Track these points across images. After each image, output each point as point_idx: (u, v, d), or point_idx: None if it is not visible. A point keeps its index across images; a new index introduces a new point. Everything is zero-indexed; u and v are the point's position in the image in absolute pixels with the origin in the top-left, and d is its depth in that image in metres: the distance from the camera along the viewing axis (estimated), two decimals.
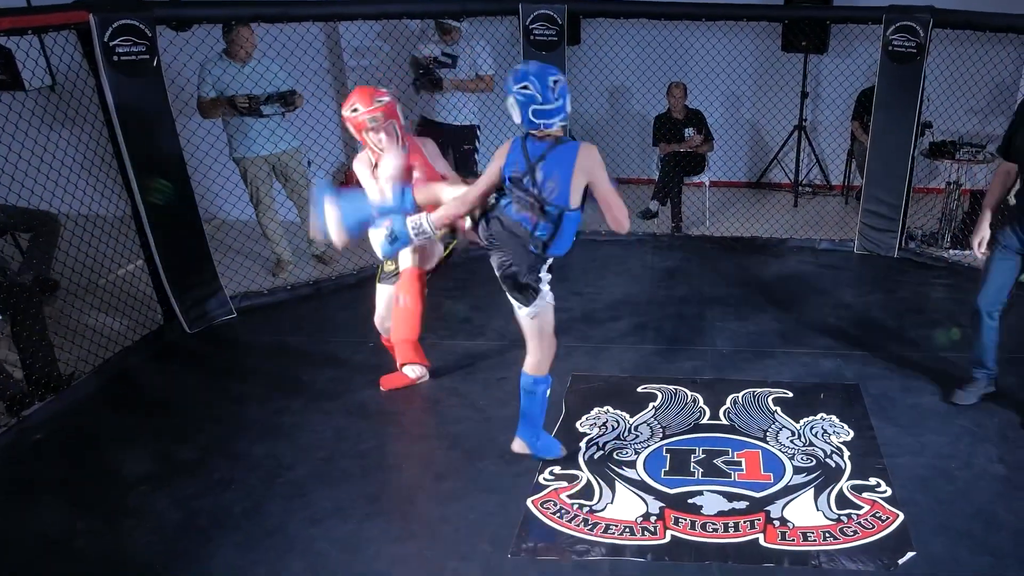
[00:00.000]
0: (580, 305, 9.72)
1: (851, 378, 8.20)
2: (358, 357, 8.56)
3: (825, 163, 14.33)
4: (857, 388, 8.02)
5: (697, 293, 9.80)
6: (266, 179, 10.38)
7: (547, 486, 6.59)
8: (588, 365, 8.42)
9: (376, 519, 6.21)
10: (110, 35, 7.86)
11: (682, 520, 6.21)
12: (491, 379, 8.18)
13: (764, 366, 8.10)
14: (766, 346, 8.67)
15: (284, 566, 5.76)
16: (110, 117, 8.11)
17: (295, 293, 10.07)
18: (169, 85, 9.02)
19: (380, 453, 7.03)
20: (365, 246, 7.40)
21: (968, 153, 11.58)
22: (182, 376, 8.36)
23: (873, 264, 11.26)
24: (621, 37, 11.90)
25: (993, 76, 11.14)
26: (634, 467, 6.86)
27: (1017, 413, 7.51)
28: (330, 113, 11.60)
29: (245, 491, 6.52)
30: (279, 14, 9.31)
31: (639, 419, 7.55)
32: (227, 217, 10.29)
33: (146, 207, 8.46)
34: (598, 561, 5.82)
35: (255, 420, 7.50)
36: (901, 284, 10.39)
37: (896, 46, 10.46)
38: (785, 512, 6.31)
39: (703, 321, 8.20)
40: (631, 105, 14.34)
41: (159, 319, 9.01)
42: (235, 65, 9.84)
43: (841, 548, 5.94)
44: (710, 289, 10.04)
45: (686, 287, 8.66)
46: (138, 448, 7.06)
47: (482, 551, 5.90)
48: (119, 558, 5.83)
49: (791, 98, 13.52)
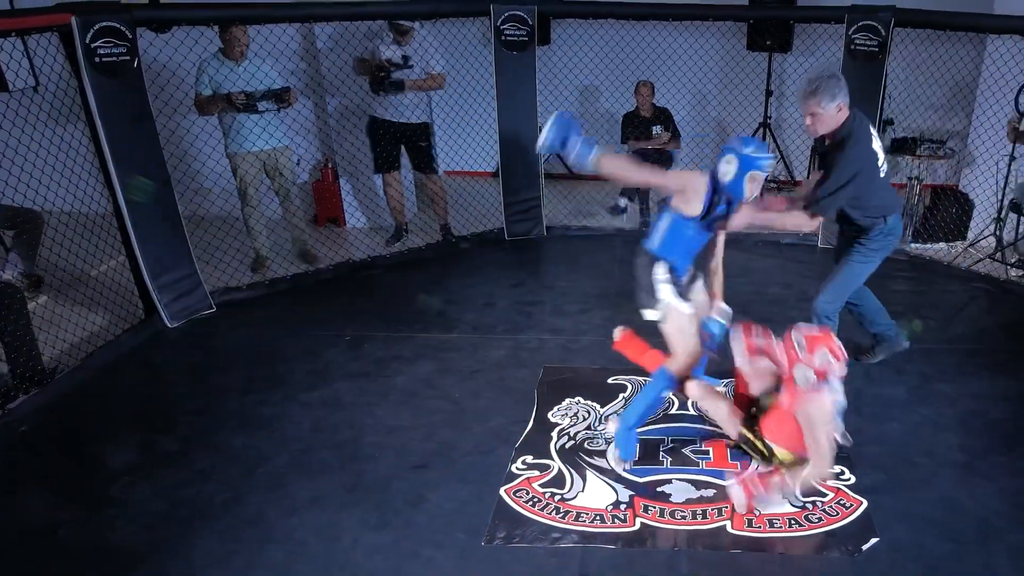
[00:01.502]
0: (551, 298, 9.71)
1: None
2: (335, 350, 8.54)
3: (790, 159, 14.30)
4: None
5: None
6: (256, 175, 10.35)
7: (520, 475, 6.58)
8: (559, 357, 8.40)
9: (353, 508, 6.20)
10: (91, 37, 7.83)
11: (651, 508, 6.20)
12: (465, 371, 8.15)
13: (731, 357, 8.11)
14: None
15: (264, 554, 5.75)
16: (92, 117, 8.08)
17: (273, 288, 10.02)
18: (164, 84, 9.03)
19: (357, 444, 7.00)
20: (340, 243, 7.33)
21: (929, 149, 11.57)
22: (163, 369, 8.33)
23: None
24: (590, 37, 11.91)
25: (953, 74, 11.16)
26: (604, 457, 6.85)
27: (976, 403, 7.53)
28: (306, 112, 11.59)
29: (225, 481, 6.51)
30: (256, 15, 9.29)
31: (610, 409, 7.53)
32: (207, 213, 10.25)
33: (127, 204, 8.42)
34: (570, 548, 5.81)
35: (235, 412, 7.48)
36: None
37: (858, 45, 10.47)
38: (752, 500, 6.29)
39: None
40: (600, 103, 14.36)
41: (140, 314, 8.98)
42: (229, 63, 9.82)
43: (806, 535, 5.94)
44: None
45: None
46: (121, 440, 7.04)
47: (457, 539, 5.90)
48: (103, 547, 5.81)
49: (756, 96, 13.54)
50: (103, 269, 9.06)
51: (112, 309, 8.95)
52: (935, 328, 8.99)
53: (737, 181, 6.19)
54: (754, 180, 6.22)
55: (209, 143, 10.03)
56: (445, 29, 11.32)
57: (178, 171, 9.13)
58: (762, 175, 6.27)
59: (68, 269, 8.69)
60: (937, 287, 10.21)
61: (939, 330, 8.97)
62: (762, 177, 6.29)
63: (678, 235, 6.50)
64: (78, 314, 8.70)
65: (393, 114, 10.89)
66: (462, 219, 11.84)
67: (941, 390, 7.78)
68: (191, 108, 9.91)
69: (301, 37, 11.20)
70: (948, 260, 11.03)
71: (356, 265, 10.70)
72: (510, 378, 8.04)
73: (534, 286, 10.06)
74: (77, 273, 8.82)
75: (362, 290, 10.12)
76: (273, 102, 9.95)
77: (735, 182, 6.19)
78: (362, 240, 11.31)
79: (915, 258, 11.10)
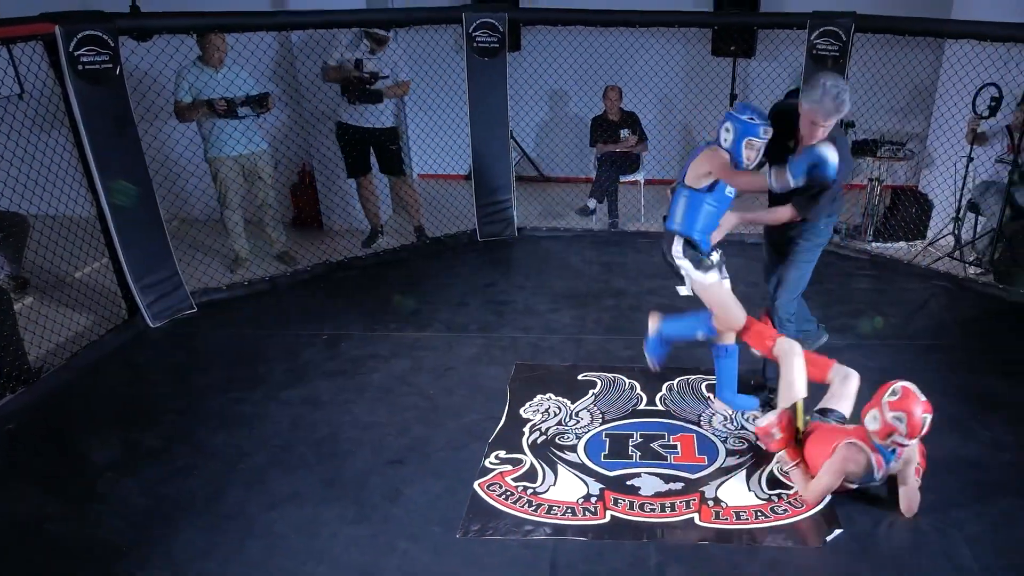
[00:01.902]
0: (522, 298, 9.75)
1: None
2: (313, 349, 8.59)
3: None
4: None
5: (633, 286, 9.84)
6: (236, 179, 10.38)
7: (493, 470, 6.64)
8: (531, 354, 8.46)
9: (331, 503, 6.25)
10: (75, 45, 7.87)
11: (621, 501, 6.27)
12: (439, 369, 8.21)
13: (698, 354, 8.12)
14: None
15: (244, 548, 5.79)
16: (76, 123, 8.11)
17: (252, 289, 10.03)
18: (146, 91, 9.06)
19: (334, 440, 7.05)
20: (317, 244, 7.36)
21: (889, 151, 11.67)
22: (146, 368, 8.35)
23: None
24: (559, 43, 11.92)
25: (912, 78, 11.23)
26: (575, 451, 6.91)
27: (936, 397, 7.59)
28: (283, 118, 11.61)
29: (207, 477, 6.55)
30: (234, 23, 9.33)
31: (580, 405, 7.60)
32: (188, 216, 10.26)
33: (110, 208, 8.45)
34: (542, 540, 5.87)
35: (215, 410, 7.52)
36: (826, 275, 10.43)
37: (820, 50, 10.52)
38: (719, 492, 6.38)
39: (639, 312, 8.24)
40: (569, 108, 14.41)
41: (123, 314, 9.00)
42: (208, 71, 9.87)
43: (772, 526, 6.01)
44: (646, 282, 10.06)
45: (623, 280, 8.71)
46: (105, 437, 7.07)
47: (432, 532, 5.95)
48: (88, 541, 5.85)
49: (721, 100, 13.50)
50: (87, 271, 9.07)
51: (96, 310, 8.97)
52: (896, 324, 9.08)
53: (736, 147, 6.47)
54: (751, 146, 6.47)
55: (190, 148, 10.05)
56: (419, 36, 11.36)
57: (159, 175, 9.14)
58: (759, 141, 6.48)
59: (53, 271, 8.69)
60: (897, 285, 10.29)
61: (900, 326, 9.04)
62: (759, 144, 6.50)
63: (695, 210, 6.80)
64: (63, 315, 8.72)
65: (359, 120, 10.93)
66: (436, 221, 11.86)
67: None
68: (172, 114, 9.93)
69: (278, 44, 11.23)
70: (908, 259, 11.12)
71: (333, 266, 10.71)
72: (483, 375, 8.09)
73: (506, 286, 10.09)
74: (62, 275, 8.83)
75: (339, 290, 10.13)
76: (253, 108, 10.01)
77: (734, 148, 6.47)
78: (339, 242, 11.30)
79: (876, 257, 11.19)
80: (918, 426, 5.87)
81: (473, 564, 5.67)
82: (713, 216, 6.84)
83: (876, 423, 6.01)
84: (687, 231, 6.86)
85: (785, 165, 6.44)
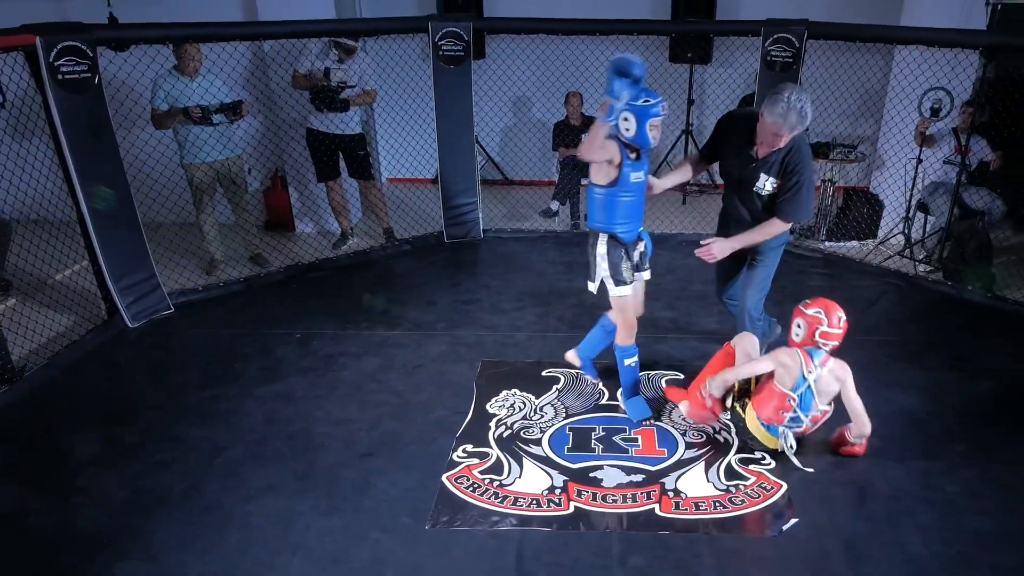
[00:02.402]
0: (488, 297, 9.82)
1: None
2: (286, 348, 8.64)
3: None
4: None
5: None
6: (210, 184, 10.43)
7: (460, 463, 6.71)
8: (496, 352, 8.52)
9: (305, 495, 6.31)
10: (55, 56, 7.91)
11: (584, 492, 6.35)
12: (408, 366, 8.27)
13: (657, 350, 8.22)
14: (658, 332, 8.77)
15: (221, 539, 5.85)
16: (56, 130, 8.14)
17: (227, 290, 10.07)
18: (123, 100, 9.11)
19: (308, 435, 7.10)
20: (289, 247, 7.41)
21: (841, 153, 11.81)
22: (125, 367, 8.39)
23: None
24: (523, 51, 11.96)
25: (863, 83, 11.36)
26: (540, 444, 6.99)
27: (888, 391, 7.69)
28: (256, 124, 11.65)
29: (184, 471, 6.60)
30: (209, 34, 9.37)
31: (544, 400, 7.67)
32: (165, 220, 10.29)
33: (90, 212, 8.49)
34: (508, 531, 5.94)
35: (192, 406, 7.57)
36: (781, 274, 10.41)
37: (774, 56, 10.61)
38: (679, 484, 6.45)
39: (601, 310, 8.25)
40: (532, 113, 14.48)
41: (103, 315, 9.02)
42: (184, 79, 9.91)
43: (730, 516, 6.09)
44: None
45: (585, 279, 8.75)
46: (85, 433, 7.12)
47: (402, 523, 6.02)
48: (70, 533, 5.91)
49: (678, 105, 13.65)
50: (67, 273, 9.08)
51: (76, 311, 9.01)
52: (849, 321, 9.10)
53: (641, 132, 6.48)
54: (654, 127, 6.52)
55: (166, 154, 10.08)
56: (386, 45, 11.42)
57: (137, 180, 9.18)
58: (659, 120, 6.53)
59: (35, 274, 8.76)
60: (850, 282, 10.39)
61: (852, 322, 8.98)
62: (659, 122, 6.55)
63: (613, 204, 6.77)
64: (45, 316, 8.79)
65: (329, 126, 10.99)
66: (404, 223, 11.90)
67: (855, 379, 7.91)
68: (148, 121, 9.95)
69: (251, 54, 11.26)
70: (860, 257, 11.24)
71: (305, 267, 10.76)
72: (450, 372, 8.16)
73: (472, 285, 10.14)
74: (43, 277, 8.86)
75: (311, 291, 10.17)
76: (227, 115, 10.06)
77: (639, 134, 6.48)
78: (310, 244, 11.38)
79: (829, 255, 11.29)
80: (832, 308, 6.52)
81: (442, 554, 5.74)
82: (629, 206, 6.83)
83: (800, 327, 6.50)
84: (609, 227, 6.89)
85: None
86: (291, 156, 11.69)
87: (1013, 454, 6.83)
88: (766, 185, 7.02)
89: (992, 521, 6.02)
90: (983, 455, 6.80)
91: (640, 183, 6.83)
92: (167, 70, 9.88)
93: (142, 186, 9.40)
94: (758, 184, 7.08)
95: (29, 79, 8.03)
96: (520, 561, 5.66)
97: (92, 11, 10.07)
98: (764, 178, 7.03)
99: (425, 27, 10.73)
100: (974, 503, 6.21)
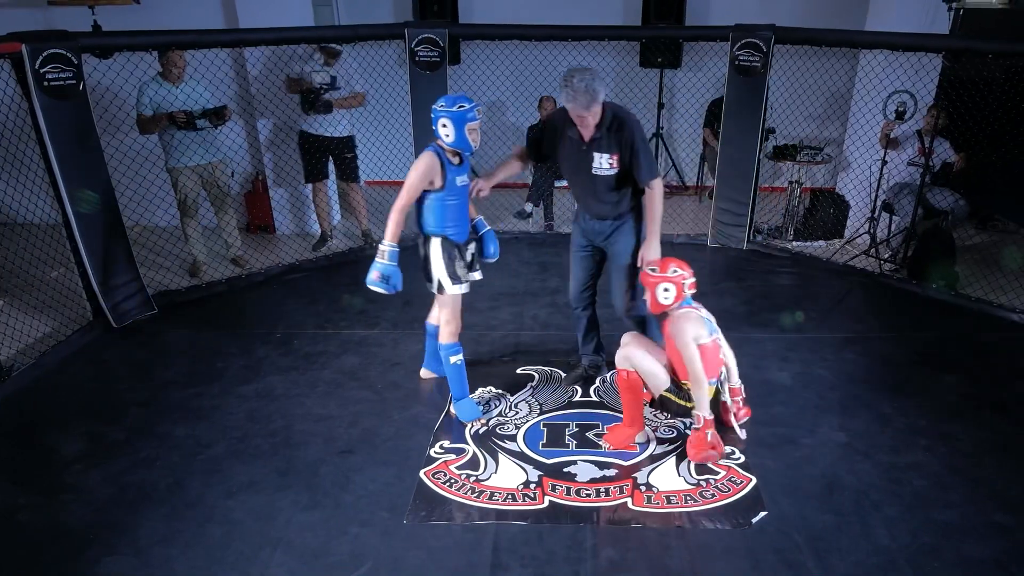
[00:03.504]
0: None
1: None
2: (267, 347, 8.66)
3: (680, 166, 14.51)
4: None
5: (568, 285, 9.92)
6: (194, 187, 10.43)
7: (438, 459, 6.75)
8: (472, 350, 8.44)
9: (286, 491, 6.34)
10: (40, 63, 7.95)
11: (559, 487, 6.39)
12: (386, 364, 8.31)
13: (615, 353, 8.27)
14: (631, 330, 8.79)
15: (204, 533, 5.87)
16: (42, 136, 8.16)
17: (210, 291, 10.10)
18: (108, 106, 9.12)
19: (288, 432, 7.12)
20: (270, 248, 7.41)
21: (808, 155, 11.86)
22: (110, 366, 8.38)
23: (725, 256, 11.50)
24: (497, 56, 11.95)
25: (829, 86, 11.36)
26: (515, 440, 7.03)
27: (855, 387, 7.75)
28: (238, 129, 11.66)
29: (168, 468, 6.62)
30: (192, 41, 9.37)
31: (519, 397, 7.72)
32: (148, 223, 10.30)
33: (75, 215, 8.51)
34: (484, 525, 5.98)
35: (176, 404, 7.58)
36: (750, 273, 10.58)
37: (742, 61, 10.70)
38: (650, 478, 6.50)
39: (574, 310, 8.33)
40: (507, 117, 14.50)
41: (88, 316, 9.02)
42: (168, 86, 9.91)
43: (701, 509, 6.13)
44: None
45: (558, 279, 8.77)
46: (72, 431, 7.14)
47: (381, 518, 6.05)
48: (57, 529, 5.92)
49: (649, 109, 13.69)
50: (54, 275, 9.08)
51: (63, 312, 9.00)
52: (816, 319, 9.24)
53: (460, 137, 6.68)
54: (472, 131, 6.71)
55: (150, 159, 10.08)
56: (364, 52, 11.43)
57: (121, 184, 9.18)
58: (477, 123, 6.71)
59: (22, 276, 8.73)
60: (817, 281, 10.48)
61: (820, 320, 9.19)
62: (477, 125, 6.74)
63: (439, 210, 7.01)
64: (32, 317, 8.83)
65: (319, 129, 11.05)
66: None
67: (822, 375, 8.02)
68: (133, 127, 9.93)
69: (232, 60, 11.26)
70: (827, 256, 11.31)
71: (285, 268, 10.80)
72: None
73: None
74: (30, 279, 8.85)
75: (291, 291, 10.21)
76: (211, 120, 10.08)
77: (459, 138, 6.68)
78: (290, 245, 11.41)
79: (796, 255, 11.37)
80: (682, 263, 6.70)
81: (420, 547, 5.76)
82: (456, 209, 7.03)
83: (668, 290, 6.68)
84: (440, 230, 7.08)
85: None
86: (272, 159, 11.68)
87: (977, 447, 6.90)
88: (603, 163, 7.06)
89: (958, 513, 6.08)
90: (948, 449, 6.86)
91: (464, 186, 7.03)
92: (152, 76, 9.88)
93: (126, 190, 9.41)
94: (595, 165, 7.11)
95: (16, 86, 8.04)
96: (496, 554, 5.69)
97: (77, 19, 10.09)
98: (599, 157, 7.07)
99: (402, 33, 10.77)
100: (941, 496, 6.27)
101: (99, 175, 8.71)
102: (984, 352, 8.66)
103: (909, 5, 10.91)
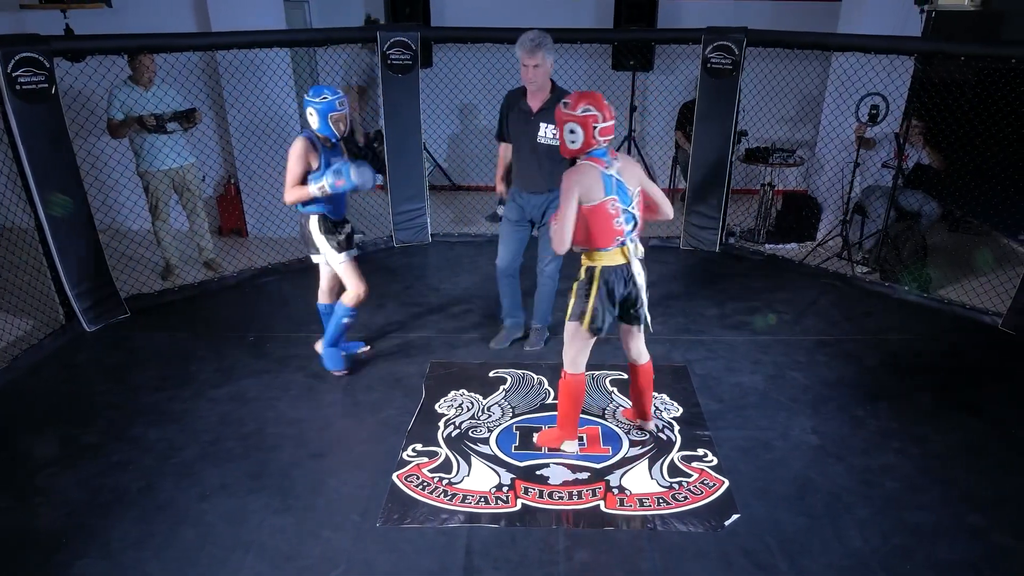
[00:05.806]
0: (437, 300, 9.89)
1: (679, 360, 8.45)
2: (239, 351, 8.69)
3: (653, 169, 14.47)
4: (685, 369, 8.28)
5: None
6: (166, 191, 10.43)
7: (410, 462, 6.79)
8: (444, 353, 8.61)
9: (258, 494, 6.37)
10: (12, 67, 7.96)
11: (531, 490, 6.45)
12: (358, 367, 8.34)
13: (602, 351, 8.16)
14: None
15: (176, 536, 5.91)
16: (14, 139, 8.19)
17: (182, 294, 10.12)
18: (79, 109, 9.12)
19: (261, 435, 7.16)
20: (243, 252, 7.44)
21: (780, 157, 11.93)
22: (83, 370, 8.40)
23: (697, 258, 11.53)
24: (469, 60, 11.96)
25: (801, 88, 11.40)
26: (487, 443, 7.08)
27: (827, 389, 7.81)
28: (210, 132, 11.66)
29: (140, 471, 6.65)
30: (162, 44, 9.38)
31: (491, 400, 7.77)
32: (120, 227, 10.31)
33: (47, 219, 8.52)
34: (457, 528, 6.03)
35: (149, 408, 7.60)
36: (722, 275, 10.63)
37: (714, 63, 10.76)
38: (623, 481, 6.56)
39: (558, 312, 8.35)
40: (479, 120, 14.49)
41: (61, 319, 9.04)
42: (138, 89, 9.91)
43: (673, 512, 6.18)
44: None
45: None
46: (45, 434, 7.16)
47: (353, 521, 6.09)
48: (29, 531, 5.95)
49: (621, 112, 13.51)
50: (26, 279, 9.09)
51: (35, 315, 9.02)
52: (789, 321, 9.31)
53: (325, 126, 7.27)
54: (336, 121, 7.31)
55: (122, 162, 10.09)
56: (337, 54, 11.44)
57: (93, 188, 9.19)
58: (340, 113, 7.29)
59: None
60: (790, 283, 10.54)
61: (792, 323, 9.26)
62: (341, 115, 7.31)
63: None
64: (4, 320, 8.86)
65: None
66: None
67: (795, 378, 8.08)
68: (104, 130, 9.95)
69: (204, 64, 11.27)
70: (799, 259, 11.36)
71: (257, 272, 10.82)
72: (400, 373, 8.23)
73: (421, 288, 10.20)
74: (2, 283, 8.83)
75: (264, 294, 10.26)
76: (181, 123, 10.11)
77: (323, 126, 7.25)
78: (263, 248, 11.41)
79: (769, 257, 11.46)
80: (599, 100, 6.09)
81: (392, 550, 5.81)
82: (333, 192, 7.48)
83: (575, 132, 6.08)
84: (318, 208, 7.58)
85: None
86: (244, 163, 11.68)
87: (949, 449, 6.97)
88: (547, 133, 7.73)
89: (930, 515, 6.15)
90: (920, 451, 6.94)
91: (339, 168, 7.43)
92: (122, 80, 9.87)
93: (98, 193, 9.42)
94: (540, 134, 7.86)
95: None
96: (469, 557, 5.74)
97: (49, 23, 10.10)
98: (544, 127, 7.83)
99: (374, 36, 10.83)
100: (912, 498, 6.34)
101: (71, 179, 8.71)
102: (956, 354, 8.75)
103: (881, 8, 10.98)
